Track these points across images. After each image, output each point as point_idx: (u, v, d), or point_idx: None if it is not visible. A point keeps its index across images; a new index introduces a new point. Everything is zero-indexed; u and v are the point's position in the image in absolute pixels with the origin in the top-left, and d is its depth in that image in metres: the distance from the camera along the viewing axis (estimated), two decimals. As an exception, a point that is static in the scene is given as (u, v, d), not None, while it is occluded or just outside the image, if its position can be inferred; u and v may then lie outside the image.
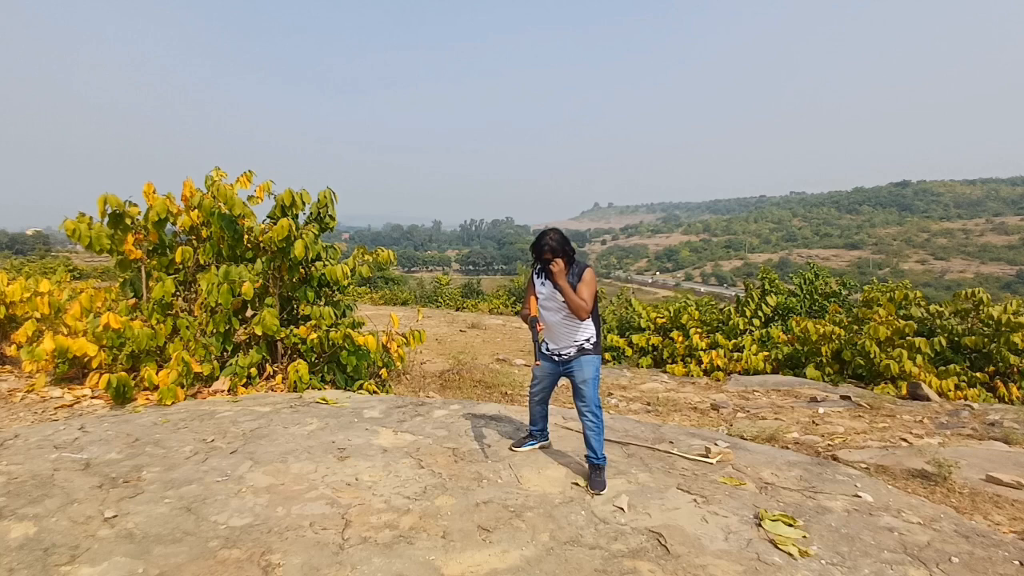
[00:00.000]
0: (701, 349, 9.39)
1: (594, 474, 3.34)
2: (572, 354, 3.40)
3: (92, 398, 5.11)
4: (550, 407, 4.13)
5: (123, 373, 4.86)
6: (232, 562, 2.45)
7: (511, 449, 3.86)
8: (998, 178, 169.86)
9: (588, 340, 3.41)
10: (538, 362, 3.52)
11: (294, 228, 5.61)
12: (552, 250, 3.27)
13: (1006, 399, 7.42)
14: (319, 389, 5.56)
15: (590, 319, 3.39)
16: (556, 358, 3.48)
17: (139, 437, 3.91)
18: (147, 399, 4.97)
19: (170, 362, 5.11)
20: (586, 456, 3.42)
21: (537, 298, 3.51)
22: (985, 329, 8.18)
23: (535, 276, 3.53)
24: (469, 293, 31.73)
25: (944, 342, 8.03)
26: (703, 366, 9.07)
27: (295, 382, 5.39)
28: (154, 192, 5.74)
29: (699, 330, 9.85)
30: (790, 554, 2.62)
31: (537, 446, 3.90)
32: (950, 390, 7.37)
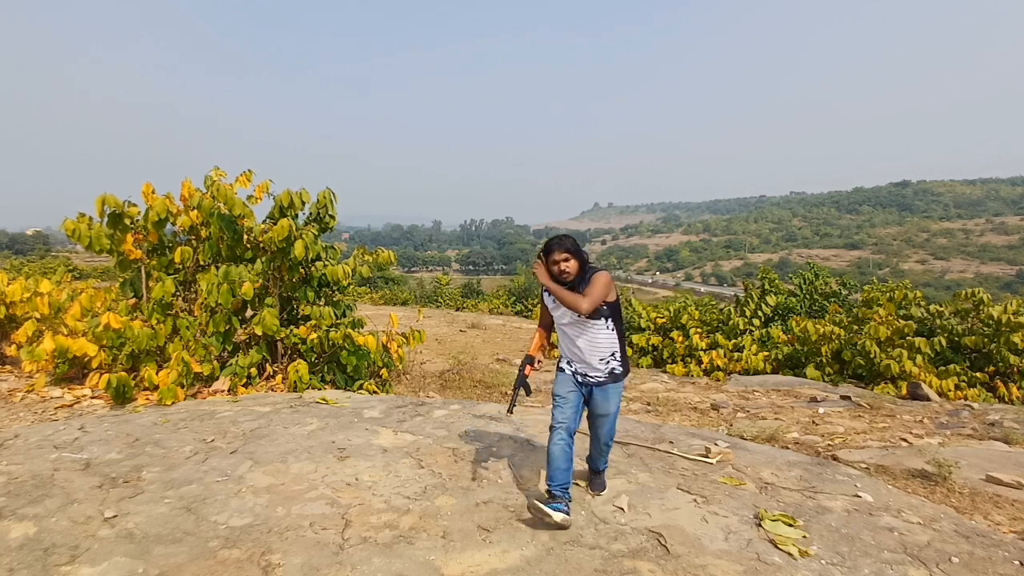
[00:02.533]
0: (701, 349, 9.39)
1: (595, 477, 3.25)
2: (601, 379, 2.95)
3: (92, 398, 5.11)
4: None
5: (123, 373, 4.86)
6: (232, 562, 2.45)
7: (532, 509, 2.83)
8: (998, 178, 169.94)
9: (614, 356, 2.95)
10: (509, 413, 2.99)
11: (294, 228, 5.61)
12: (567, 250, 2.83)
13: (1006, 399, 7.42)
14: (319, 389, 5.56)
15: (614, 333, 2.94)
16: (580, 379, 3.01)
17: (139, 437, 3.91)
18: (147, 399, 4.97)
19: (170, 362, 5.11)
20: (587, 459, 3.27)
21: (552, 318, 3.08)
22: (985, 329, 8.18)
23: (544, 293, 3.06)
24: (469, 293, 31.73)
25: (944, 342, 8.03)
26: (703, 366, 9.07)
27: (295, 382, 5.39)
28: (153, 192, 5.74)
29: (699, 330, 9.86)
30: (790, 554, 2.62)
31: (562, 516, 2.75)
32: (950, 390, 7.37)
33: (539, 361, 3.05)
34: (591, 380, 2.96)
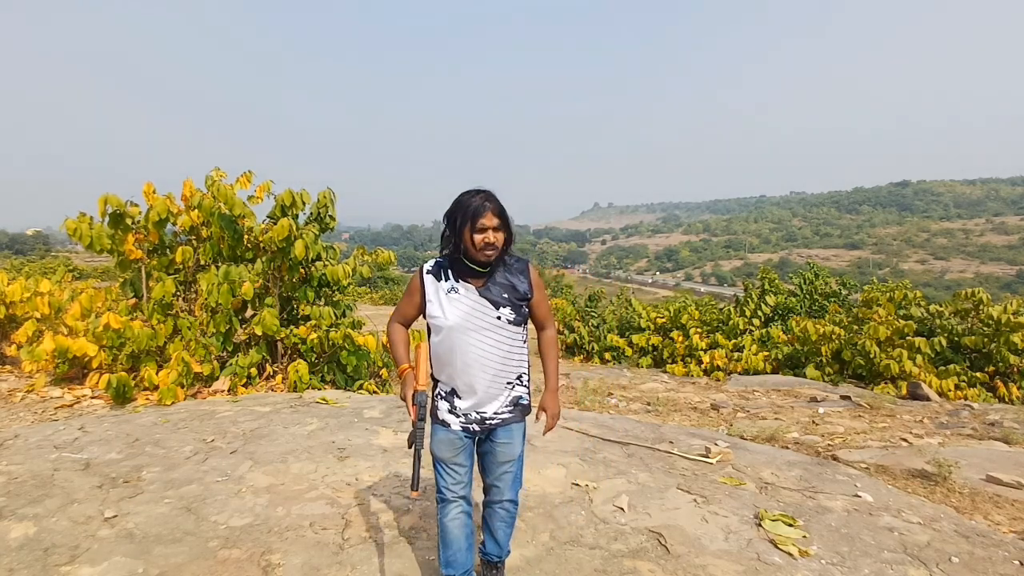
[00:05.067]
0: (701, 349, 9.40)
1: (490, 572, 2.29)
2: (505, 415, 2.06)
3: (92, 398, 5.11)
4: None
5: (123, 373, 4.86)
6: (232, 562, 2.45)
7: None
8: (998, 178, 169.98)
9: (521, 380, 2.10)
10: (416, 492, 1.93)
11: (294, 228, 5.62)
12: (500, 215, 1.93)
13: (1006, 399, 7.43)
14: (319, 389, 5.56)
15: (526, 347, 2.12)
16: (475, 425, 2.03)
17: (139, 437, 3.91)
18: (147, 399, 4.97)
19: (170, 362, 5.11)
20: (481, 549, 2.28)
21: (417, 314, 2.08)
22: (985, 329, 8.18)
23: (428, 276, 2.03)
24: (469, 293, 31.72)
25: (944, 342, 8.04)
26: (703, 366, 9.08)
27: (295, 382, 5.39)
28: (154, 192, 5.75)
29: (699, 330, 9.87)
30: (790, 554, 2.62)
31: None
32: (950, 390, 7.38)
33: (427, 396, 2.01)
34: (490, 423, 2.04)
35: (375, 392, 5.86)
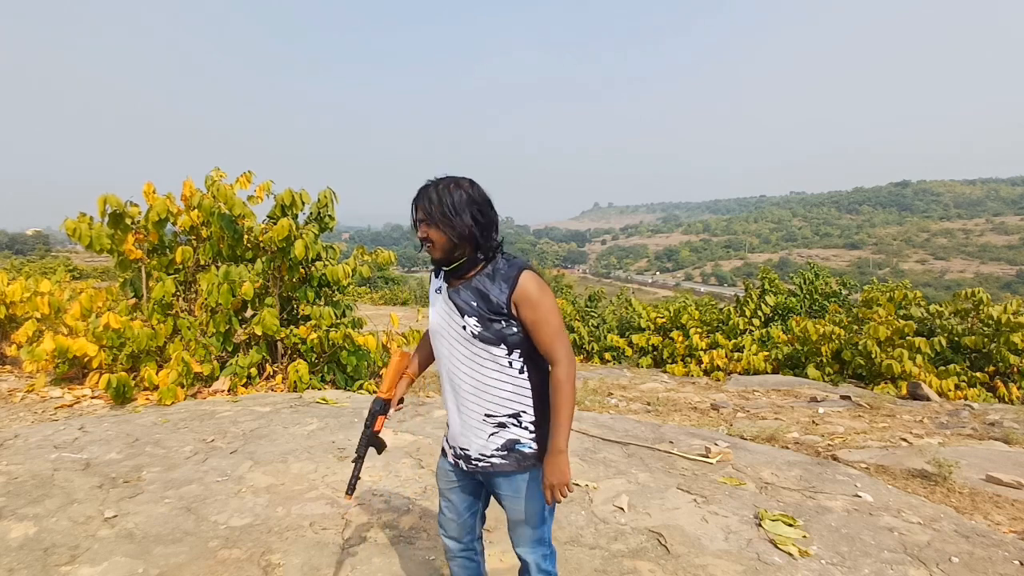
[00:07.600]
0: (701, 349, 9.41)
1: None
2: (496, 460, 1.66)
3: (92, 398, 5.11)
4: None
5: (123, 373, 4.86)
6: (232, 562, 2.45)
7: None
8: (998, 178, 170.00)
9: (518, 419, 1.65)
10: (349, 496, 1.85)
11: (294, 228, 5.62)
12: (427, 208, 1.60)
13: (1006, 399, 7.43)
14: (319, 389, 5.56)
15: (524, 376, 1.64)
16: (462, 463, 1.73)
17: (139, 437, 3.91)
18: (147, 399, 4.97)
19: (170, 362, 5.12)
20: None
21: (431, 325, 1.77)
22: (985, 329, 8.19)
23: (431, 274, 1.84)
24: (469, 293, 31.69)
25: (944, 342, 8.04)
26: (703, 366, 9.08)
27: (295, 382, 5.39)
28: (154, 192, 5.75)
29: (699, 330, 9.87)
30: (790, 554, 2.62)
31: None
32: (950, 390, 7.38)
33: (399, 401, 1.93)
34: (477, 465, 1.68)
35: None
